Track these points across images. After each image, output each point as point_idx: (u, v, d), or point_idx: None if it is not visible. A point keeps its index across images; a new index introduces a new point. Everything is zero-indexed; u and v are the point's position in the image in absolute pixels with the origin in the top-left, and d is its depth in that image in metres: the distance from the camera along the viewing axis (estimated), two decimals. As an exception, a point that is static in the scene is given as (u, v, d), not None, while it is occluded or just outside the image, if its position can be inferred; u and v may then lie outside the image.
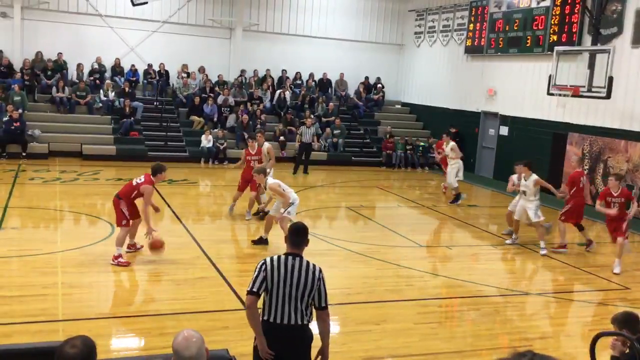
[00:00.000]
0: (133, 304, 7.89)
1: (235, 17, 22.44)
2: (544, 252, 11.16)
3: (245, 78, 22.50)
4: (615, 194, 10.31)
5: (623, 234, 10.21)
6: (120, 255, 8.96)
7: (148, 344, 6.50)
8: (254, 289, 4.58)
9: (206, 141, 19.39)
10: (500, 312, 8.27)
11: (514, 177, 11.88)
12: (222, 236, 11.15)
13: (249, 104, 21.39)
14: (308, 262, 4.65)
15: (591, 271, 10.17)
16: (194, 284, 8.43)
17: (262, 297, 4.61)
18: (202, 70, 22.03)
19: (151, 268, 9.00)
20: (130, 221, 9.23)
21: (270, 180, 10.42)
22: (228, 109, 21.03)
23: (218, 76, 22.21)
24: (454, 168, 15.10)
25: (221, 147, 19.48)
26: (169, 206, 12.82)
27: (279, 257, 4.65)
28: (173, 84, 21.74)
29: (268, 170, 12.20)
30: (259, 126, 20.36)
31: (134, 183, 9.29)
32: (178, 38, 21.92)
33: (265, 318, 4.60)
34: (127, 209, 9.15)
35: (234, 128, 20.36)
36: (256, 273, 4.61)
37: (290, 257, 4.63)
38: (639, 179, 14.60)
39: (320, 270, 4.65)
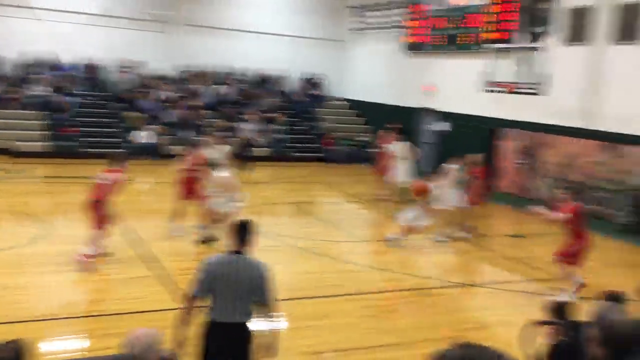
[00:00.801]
0: (73, 305, 7.65)
1: (174, 11, 22.05)
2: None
3: (185, 73, 22.16)
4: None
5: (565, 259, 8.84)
6: (88, 255, 8.60)
7: (90, 346, 6.34)
8: (195, 293, 4.53)
9: (144, 137, 19.00)
10: (439, 303, 8.47)
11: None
12: (164, 234, 10.95)
13: (188, 99, 21.08)
14: (253, 259, 4.59)
15: (526, 261, 10.52)
16: (135, 284, 8.26)
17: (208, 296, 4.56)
18: (139, 64, 21.55)
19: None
20: (105, 225, 8.92)
21: (224, 173, 10.24)
22: (167, 105, 20.67)
23: (156, 71, 21.79)
24: (403, 168, 14.80)
25: (160, 143, 19.13)
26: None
27: (222, 255, 4.59)
28: (109, 79, 21.19)
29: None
30: (203, 127, 20.11)
31: (103, 182, 8.91)
32: (115, 32, 21.33)
33: (210, 319, 4.54)
34: (102, 212, 8.84)
35: (173, 124, 20.03)
36: (198, 274, 4.54)
37: (233, 255, 4.56)
38: (571, 174, 15.18)
39: (266, 267, 4.60)
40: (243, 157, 18.90)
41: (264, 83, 23.29)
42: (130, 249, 9.76)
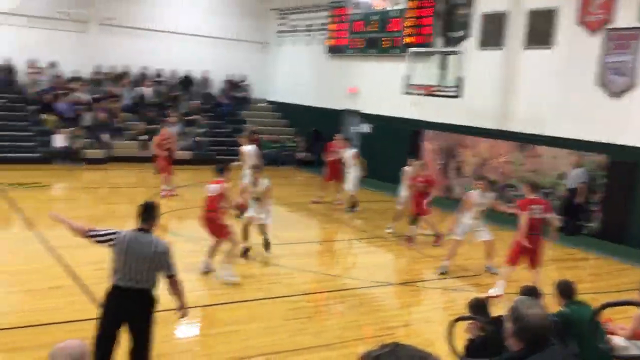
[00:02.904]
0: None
1: (89, 9, 21.24)
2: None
3: (102, 74, 21.40)
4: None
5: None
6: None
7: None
8: (92, 233, 5.50)
9: (59, 141, 18.19)
10: (365, 303, 8.54)
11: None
12: (80, 242, 10.46)
13: (106, 102, 20.36)
14: (156, 238, 5.28)
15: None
16: (48, 294, 7.86)
17: (113, 264, 5.25)
18: (53, 65, 20.62)
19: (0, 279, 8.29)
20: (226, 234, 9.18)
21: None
22: (83, 107, 19.89)
23: (73, 72, 20.93)
24: (354, 176, 14.47)
25: (76, 147, 18.38)
26: (19, 212, 11.88)
27: (130, 231, 5.30)
28: (21, 80, 20.15)
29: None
30: (122, 130, 19.41)
31: (212, 194, 9.26)
32: (27, 31, 20.29)
33: (114, 283, 5.20)
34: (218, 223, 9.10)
35: (90, 127, 19.30)
36: (105, 231, 5.38)
37: (139, 232, 5.28)
38: (487, 173, 15.71)
39: (166, 245, 5.25)
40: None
41: (185, 85, 22.82)
42: (41, 259, 9.28)
